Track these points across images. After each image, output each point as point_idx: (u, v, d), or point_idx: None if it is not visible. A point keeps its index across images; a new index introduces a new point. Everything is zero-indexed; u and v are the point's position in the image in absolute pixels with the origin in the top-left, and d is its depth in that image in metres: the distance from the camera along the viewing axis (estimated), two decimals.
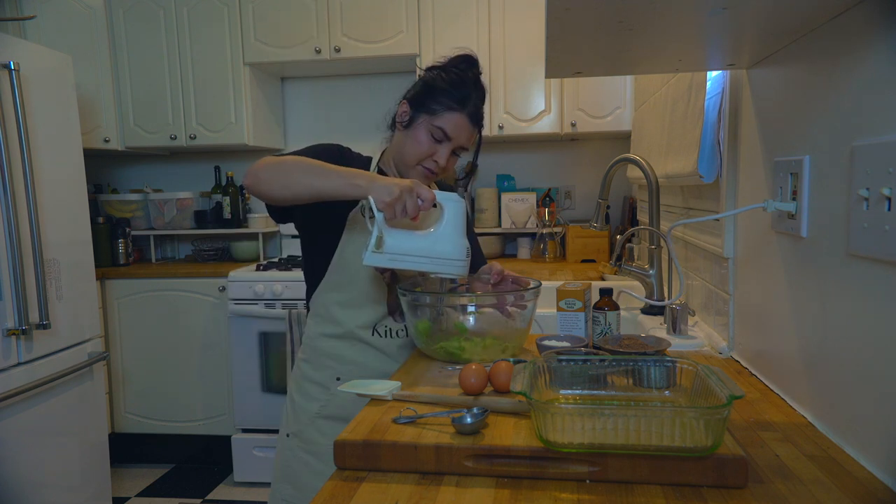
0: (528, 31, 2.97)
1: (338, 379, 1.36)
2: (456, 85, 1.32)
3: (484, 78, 1.38)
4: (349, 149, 1.39)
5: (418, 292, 1.27)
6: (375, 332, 1.36)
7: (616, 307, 1.38)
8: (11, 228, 2.06)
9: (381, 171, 1.40)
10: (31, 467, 2.16)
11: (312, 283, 1.40)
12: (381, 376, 1.29)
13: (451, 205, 1.19)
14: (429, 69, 1.39)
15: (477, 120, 1.35)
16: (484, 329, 1.25)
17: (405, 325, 1.37)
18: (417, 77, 1.42)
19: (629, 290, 1.62)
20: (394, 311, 1.37)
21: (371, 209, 1.11)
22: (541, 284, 1.32)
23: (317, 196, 1.16)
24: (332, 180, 1.14)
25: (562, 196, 3.41)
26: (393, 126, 1.42)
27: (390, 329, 1.37)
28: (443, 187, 1.57)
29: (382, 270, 1.33)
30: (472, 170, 1.48)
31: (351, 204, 1.32)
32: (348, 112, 3.53)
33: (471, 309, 1.26)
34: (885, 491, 0.74)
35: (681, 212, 1.81)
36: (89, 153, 3.05)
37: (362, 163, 1.39)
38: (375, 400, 1.04)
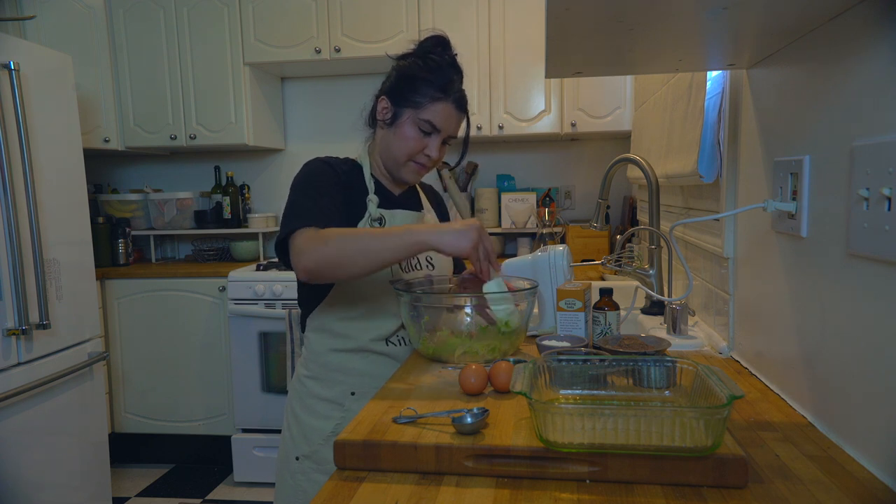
0: (528, 31, 2.97)
1: (352, 394, 1.31)
2: (435, 72, 1.25)
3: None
4: (338, 158, 1.34)
5: (416, 293, 1.26)
6: (389, 343, 1.33)
7: (616, 307, 1.38)
8: (11, 228, 2.06)
9: (373, 178, 1.35)
10: (31, 467, 2.16)
11: (313, 300, 1.34)
12: None
13: None
14: (401, 57, 1.30)
15: (463, 105, 1.29)
16: (470, 329, 1.24)
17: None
18: (391, 68, 1.33)
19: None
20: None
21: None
22: (537, 285, 1.31)
23: (384, 267, 1.15)
24: (392, 252, 1.10)
25: (562, 196, 3.41)
26: (373, 123, 1.35)
27: (403, 338, 1.35)
28: (431, 192, 1.54)
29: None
30: (473, 170, 1.47)
31: (360, 216, 1.29)
32: (348, 112, 3.51)
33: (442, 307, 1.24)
34: (885, 491, 0.74)
35: (681, 212, 1.81)
36: (89, 153, 3.06)
37: (353, 169, 1.34)
38: None
